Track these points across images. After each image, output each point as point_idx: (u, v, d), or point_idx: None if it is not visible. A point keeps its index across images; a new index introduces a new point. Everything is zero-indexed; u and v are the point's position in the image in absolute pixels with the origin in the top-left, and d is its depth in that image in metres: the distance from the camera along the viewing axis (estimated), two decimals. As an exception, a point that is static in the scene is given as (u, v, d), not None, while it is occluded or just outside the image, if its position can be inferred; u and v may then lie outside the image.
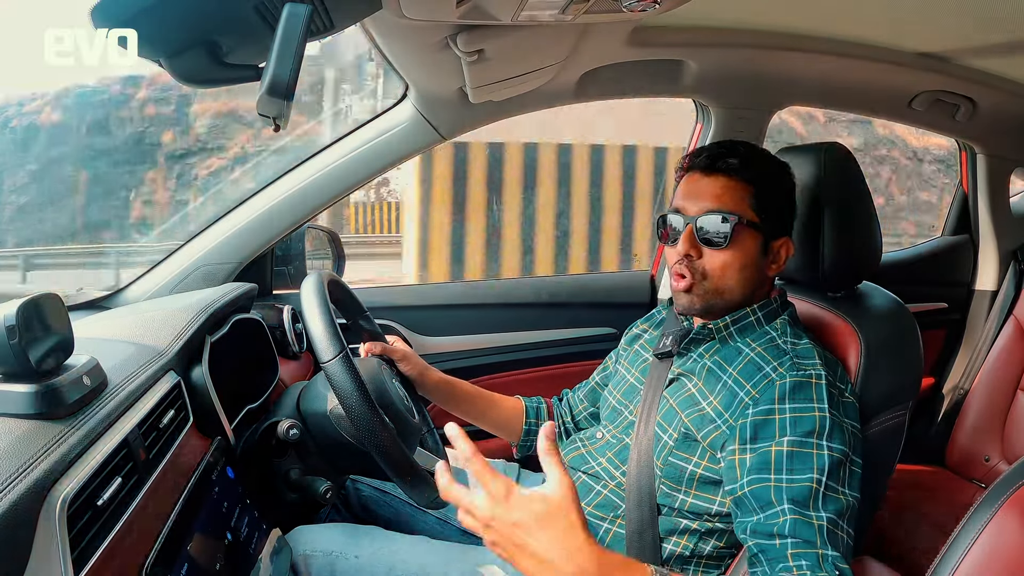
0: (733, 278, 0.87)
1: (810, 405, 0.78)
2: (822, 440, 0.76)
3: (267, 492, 0.87)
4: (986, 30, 1.13)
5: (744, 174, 0.86)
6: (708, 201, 0.86)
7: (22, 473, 0.51)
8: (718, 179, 0.87)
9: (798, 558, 0.71)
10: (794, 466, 0.75)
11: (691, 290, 0.88)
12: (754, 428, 0.78)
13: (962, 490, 1.50)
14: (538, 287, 1.57)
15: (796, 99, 1.50)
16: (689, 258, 0.87)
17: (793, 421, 0.77)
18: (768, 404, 0.79)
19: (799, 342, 0.86)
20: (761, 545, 0.74)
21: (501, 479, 0.63)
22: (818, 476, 0.74)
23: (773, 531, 0.73)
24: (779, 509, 0.73)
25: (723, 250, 0.86)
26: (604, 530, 0.90)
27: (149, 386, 0.72)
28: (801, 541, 0.71)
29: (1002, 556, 0.58)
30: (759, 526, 0.75)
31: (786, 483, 0.74)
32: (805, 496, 0.73)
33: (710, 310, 0.89)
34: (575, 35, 1.04)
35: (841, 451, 0.76)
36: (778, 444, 0.76)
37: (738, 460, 0.79)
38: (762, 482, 0.76)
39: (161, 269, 1.29)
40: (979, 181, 1.70)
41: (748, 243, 0.86)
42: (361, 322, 1.09)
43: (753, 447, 0.78)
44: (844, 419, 0.79)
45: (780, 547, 0.72)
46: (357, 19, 0.75)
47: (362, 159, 1.31)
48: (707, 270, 0.87)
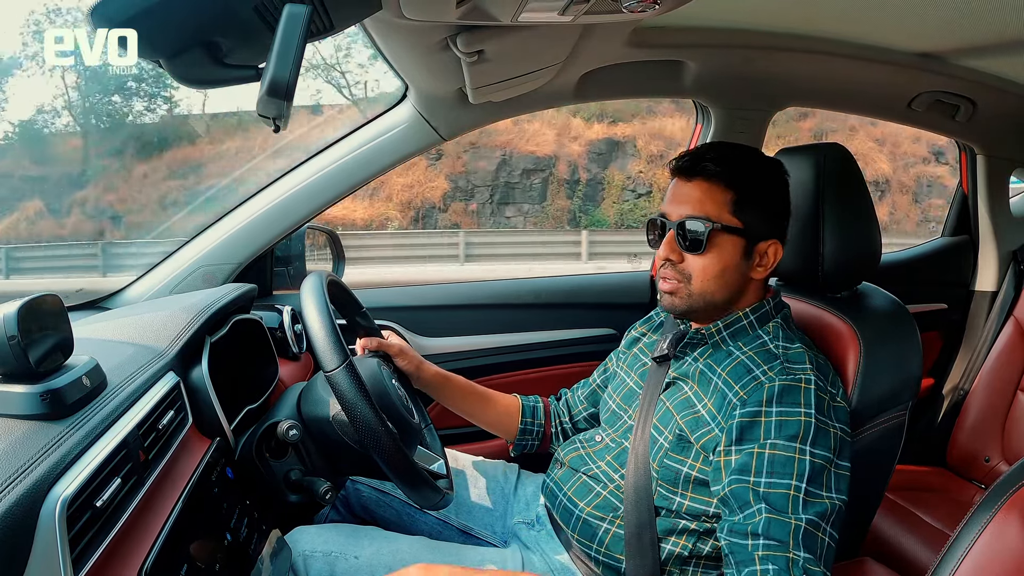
0: (713, 282, 0.87)
1: (797, 409, 0.78)
2: (806, 445, 0.76)
3: (267, 493, 0.87)
4: (986, 30, 1.14)
5: (725, 178, 0.86)
6: (688, 206, 0.87)
7: (22, 474, 0.51)
8: (699, 184, 0.87)
9: (766, 561, 0.71)
10: (775, 469, 0.75)
11: (674, 292, 0.89)
12: (740, 429, 0.79)
13: (962, 490, 1.50)
14: (538, 288, 1.57)
15: (796, 99, 1.50)
16: (670, 262, 0.88)
17: (779, 424, 0.77)
18: (755, 406, 0.79)
19: (791, 346, 0.86)
20: (733, 546, 0.74)
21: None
22: (797, 483, 0.74)
23: (747, 530, 0.74)
24: (756, 508, 0.74)
25: (701, 255, 0.86)
26: (604, 531, 0.90)
27: (149, 387, 0.72)
28: (773, 543, 0.72)
29: (1002, 556, 0.58)
30: (736, 526, 0.75)
31: (764, 486, 0.75)
32: (783, 498, 0.74)
33: (692, 311, 0.90)
34: (575, 36, 1.04)
35: (824, 457, 0.76)
36: (761, 447, 0.77)
37: (723, 461, 0.79)
38: (742, 482, 0.76)
39: (161, 270, 1.29)
40: (979, 182, 1.70)
41: (727, 247, 0.86)
42: (358, 318, 1.09)
43: (739, 448, 0.78)
44: (832, 424, 0.79)
45: (751, 549, 0.73)
46: (357, 19, 0.75)
47: (362, 159, 1.31)
48: (689, 274, 0.88)
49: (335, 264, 1.50)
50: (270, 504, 0.88)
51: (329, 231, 1.50)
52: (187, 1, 0.57)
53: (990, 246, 1.72)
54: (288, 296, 1.37)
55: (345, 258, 1.51)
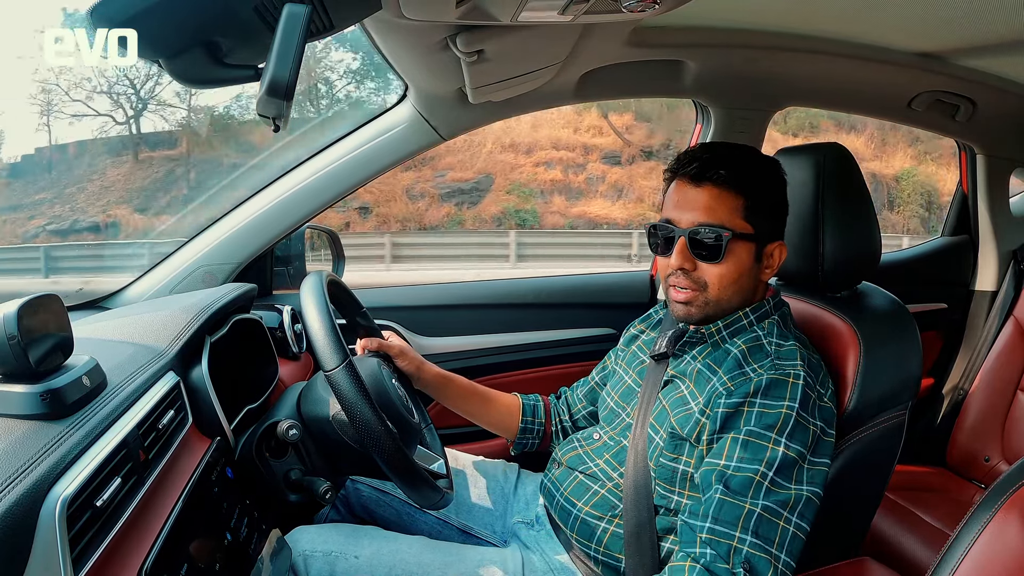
0: (730, 289, 0.87)
1: (780, 402, 0.78)
2: (781, 436, 0.76)
3: (267, 492, 0.87)
4: (986, 30, 1.13)
5: (735, 184, 0.84)
6: (699, 213, 0.85)
7: (22, 473, 0.51)
8: (709, 190, 0.85)
9: (704, 545, 0.71)
10: (745, 454, 0.75)
11: (690, 303, 0.88)
12: (724, 419, 0.79)
13: (962, 490, 1.50)
14: (537, 287, 1.57)
15: (796, 99, 1.50)
16: (684, 271, 0.87)
17: (760, 415, 0.78)
18: (740, 398, 0.79)
19: (784, 343, 0.86)
20: (683, 526, 0.75)
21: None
22: (764, 469, 0.74)
23: (700, 511, 0.74)
24: (714, 490, 0.74)
25: (718, 264, 0.85)
26: (602, 530, 0.90)
27: (149, 386, 0.72)
28: (719, 528, 0.72)
29: (1002, 556, 0.58)
30: (693, 507, 0.76)
31: (732, 470, 0.75)
32: (745, 483, 0.74)
33: (708, 319, 0.89)
34: (575, 36, 1.04)
35: (798, 452, 0.76)
36: (737, 433, 0.78)
37: (706, 449, 0.80)
38: (712, 466, 0.77)
39: (161, 269, 1.29)
40: (979, 181, 1.70)
41: (742, 254, 0.86)
42: (358, 319, 1.09)
43: (719, 436, 0.79)
44: (813, 421, 0.79)
45: (695, 530, 0.73)
46: (357, 19, 0.75)
47: (362, 159, 1.31)
48: (705, 282, 0.87)
49: (335, 264, 1.50)
50: (270, 504, 0.88)
51: (329, 231, 1.50)
52: (187, 1, 0.57)
53: (990, 246, 1.72)
54: (288, 296, 1.37)
55: (345, 257, 1.51)
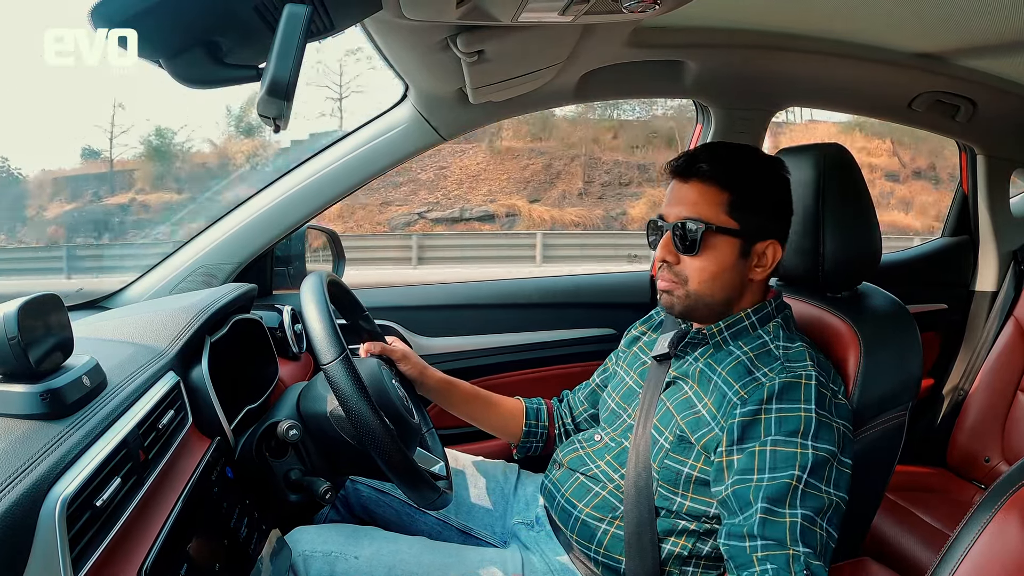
0: (709, 283, 0.87)
1: (797, 405, 0.78)
2: (807, 440, 0.76)
3: (267, 492, 0.87)
4: (986, 30, 1.13)
5: (720, 180, 0.86)
6: (684, 207, 0.87)
7: (21, 473, 0.50)
8: (695, 185, 0.87)
9: (764, 562, 0.71)
10: (776, 464, 0.75)
11: (671, 293, 0.89)
12: (742, 429, 0.79)
13: (962, 490, 1.50)
14: (538, 288, 1.57)
15: (796, 99, 1.50)
16: (667, 263, 0.88)
17: (779, 421, 0.77)
18: (756, 405, 0.79)
19: (792, 346, 0.86)
20: (732, 549, 0.74)
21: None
22: (799, 473, 0.74)
23: (743, 532, 0.73)
24: (754, 509, 0.74)
25: (696, 256, 0.86)
26: (602, 531, 0.90)
27: (148, 386, 0.72)
28: (771, 542, 0.71)
29: (1002, 557, 0.58)
30: (734, 528, 0.75)
31: (767, 481, 0.75)
32: (782, 492, 0.73)
33: (690, 312, 0.90)
34: (575, 36, 1.04)
35: (828, 450, 0.76)
36: (762, 444, 0.77)
37: (725, 462, 0.79)
38: (745, 483, 0.76)
39: (161, 269, 1.29)
40: (979, 182, 1.70)
41: (723, 248, 0.86)
42: (361, 322, 1.09)
43: (740, 448, 0.78)
44: (834, 419, 0.79)
45: (749, 551, 0.72)
46: (357, 19, 0.75)
47: (362, 159, 1.31)
48: (685, 275, 0.88)
49: (335, 264, 1.50)
50: (270, 504, 0.88)
51: (329, 231, 1.50)
52: (187, 1, 0.57)
53: (990, 246, 1.72)
54: (288, 296, 1.37)
55: (345, 258, 1.51)
